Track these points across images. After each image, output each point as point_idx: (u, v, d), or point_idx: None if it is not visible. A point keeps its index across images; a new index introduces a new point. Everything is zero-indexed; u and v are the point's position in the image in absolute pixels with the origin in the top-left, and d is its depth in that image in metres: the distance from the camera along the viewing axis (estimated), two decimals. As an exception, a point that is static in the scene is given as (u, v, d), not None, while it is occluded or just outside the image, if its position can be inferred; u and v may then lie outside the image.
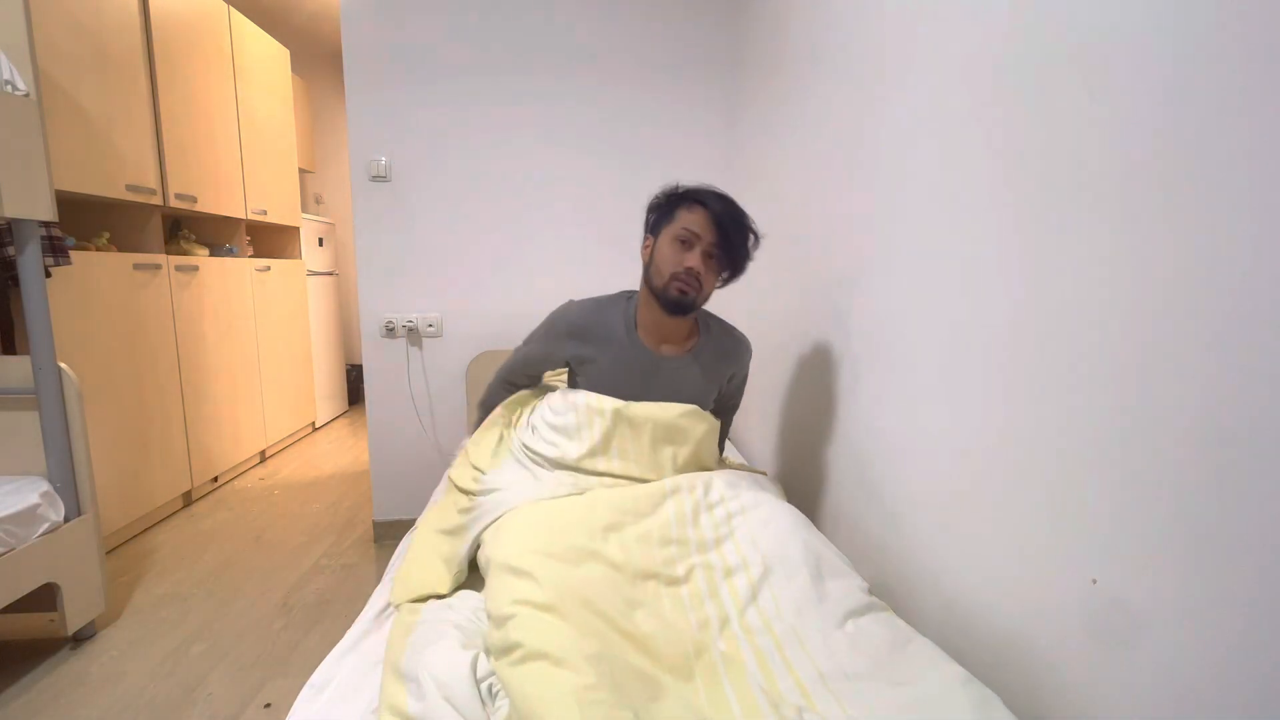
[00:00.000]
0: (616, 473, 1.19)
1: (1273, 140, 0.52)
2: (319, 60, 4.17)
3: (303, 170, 3.87)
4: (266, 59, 3.15)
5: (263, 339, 3.07)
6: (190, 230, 2.77)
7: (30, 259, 1.51)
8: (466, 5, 2.03)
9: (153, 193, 2.29)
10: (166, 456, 2.37)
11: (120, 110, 2.14)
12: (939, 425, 0.98)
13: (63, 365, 1.57)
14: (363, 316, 2.14)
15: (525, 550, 0.92)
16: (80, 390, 1.59)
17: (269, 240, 3.40)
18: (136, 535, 2.25)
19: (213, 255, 2.75)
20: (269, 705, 1.40)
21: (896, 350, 1.10)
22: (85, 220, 2.24)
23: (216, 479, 2.73)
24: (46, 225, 1.70)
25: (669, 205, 1.24)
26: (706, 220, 1.19)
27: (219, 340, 2.71)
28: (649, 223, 1.29)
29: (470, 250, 2.14)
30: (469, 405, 2.14)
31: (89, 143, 2.01)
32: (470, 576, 1.06)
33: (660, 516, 1.08)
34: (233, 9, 2.84)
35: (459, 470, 1.28)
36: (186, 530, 2.33)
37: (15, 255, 1.51)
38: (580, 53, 2.09)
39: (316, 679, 0.82)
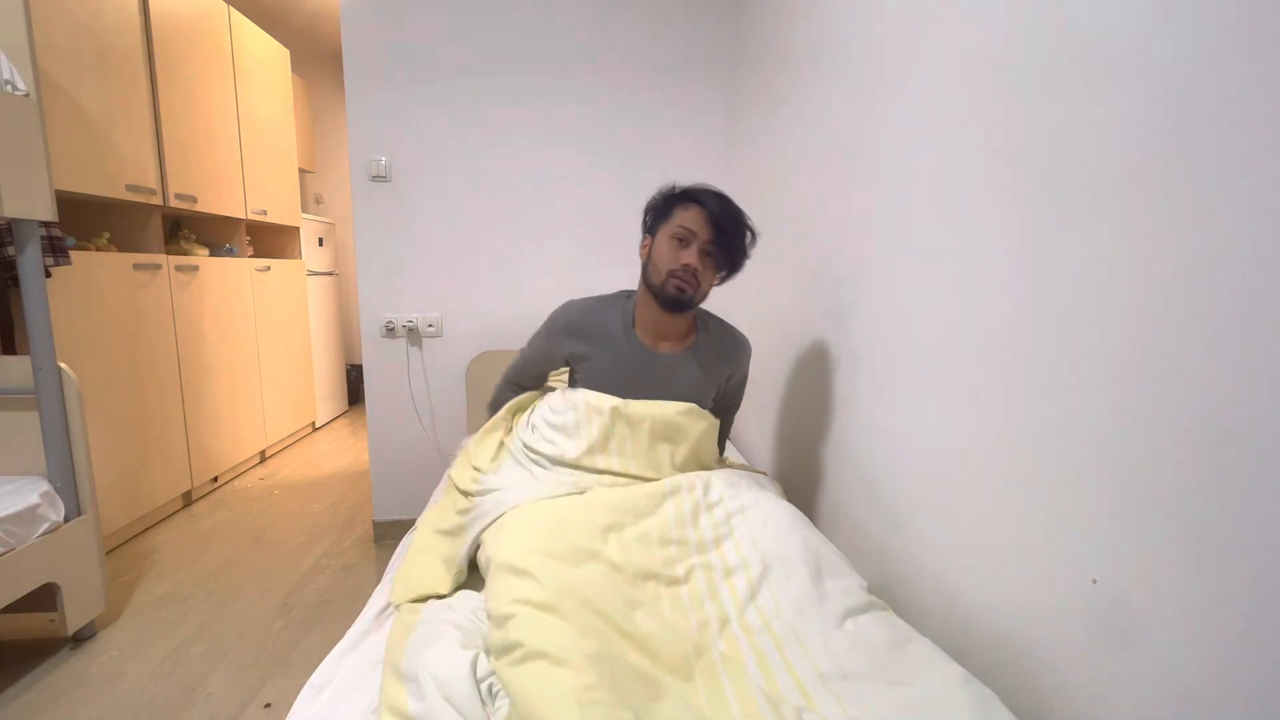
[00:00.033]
0: (615, 470, 1.19)
1: (1272, 140, 0.52)
2: (319, 60, 4.17)
3: (303, 170, 3.87)
4: (266, 59, 3.15)
5: (263, 339, 3.07)
6: (190, 230, 2.77)
7: (30, 259, 1.51)
8: (466, 5, 2.03)
9: (153, 193, 2.29)
10: (166, 456, 2.37)
11: (120, 110, 2.14)
12: (939, 425, 0.98)
13: (63, 365, 1.57)
14: (363, 316, 2.14)
15: (526, 550, 0.92)
16: (80, 390, 1.59)
17: (269, 240, 3.40)
18: (136, 535, 2.25)
19: (213, 255, 2.75)
20: (269, 705, 1.40)
21: (896, 350, 1.10)
22: (85, 220, 2.24)
23: (216, 479, 2.73)
24: (46, 225, 1.70)
25: (666, 205, 1.26)
26: (703, 218, 1.20)
27: (219, 340, 2.71)
28: (646, 223, 1.30)
29: (470, 250, 2.14)
30: (469, 405, 2.14)
31: (89, 143, 2.01)
32: (470, 576, 1.06)
33: (660, 517, 1.08)
34: (233, 9, 2.84)
35: (459, 470, 1.28)
36: (186, 530, 2.33)
37: (15, 255, 1.51)
38: (580, 53, 2.09)
39: (316, 679, 0.82)
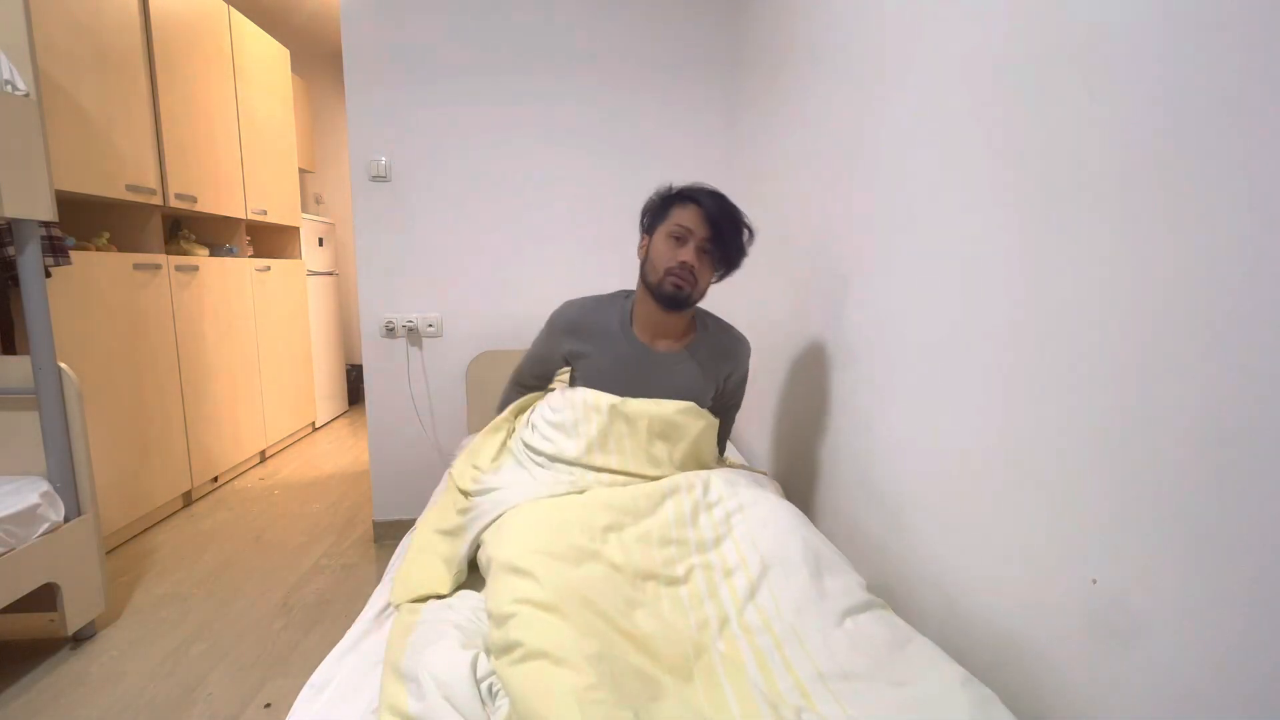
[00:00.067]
0: (614, 468, 1.19)
1: (1272, 140, 0.52)
2: (319, 60, 4.17)
3: (303, 170, 3.87)
4: (266, 59, 3.15)
5: (263, 339, 3.07)
6: (190, 230, 2.77)
7: (30, 259, 1.51)
8: (466, 5, 2.03)
9: (153, 193, 2.29)
10: (166, 456, 2.37)
11: (120, 110, 2.14)
12: (939, 425, 0.98)
13: (63, 365, 1.57)
14: (363, 316, 2.14)
15: (526, 550, 0.92)
16: (80, 390, 1.59)
17: (269, 240, 3.40)
18: (136, 535, 2.25)
19: (213, 255, 2.75)
20: (269, 705, 1.40)
21: (896, 350, 1.10)
22: (85, 220, 2.24)
23: (216, 479, 2.73)
24: (46, 225, 1.70)
25: (663, 205, 1.28)
26: (699, 216, 1.22)
27: (219, 340, 2.71)
28: (644, 224, 1.32)
29: (470, 250, 2.14)
30: (469, 405, 2.14)
31: (89, 143, 2.01)
32: (470, 576, 1.06)
33: (659, 517, 1.08)
34: (233, 9, 2.84)
35: (460, 470, 1.28)
36: (186, 530, 2.33)
37: (15, 255, 1.51)
38: (580, 53, 2.09)
39: (316, 679, 0.82)
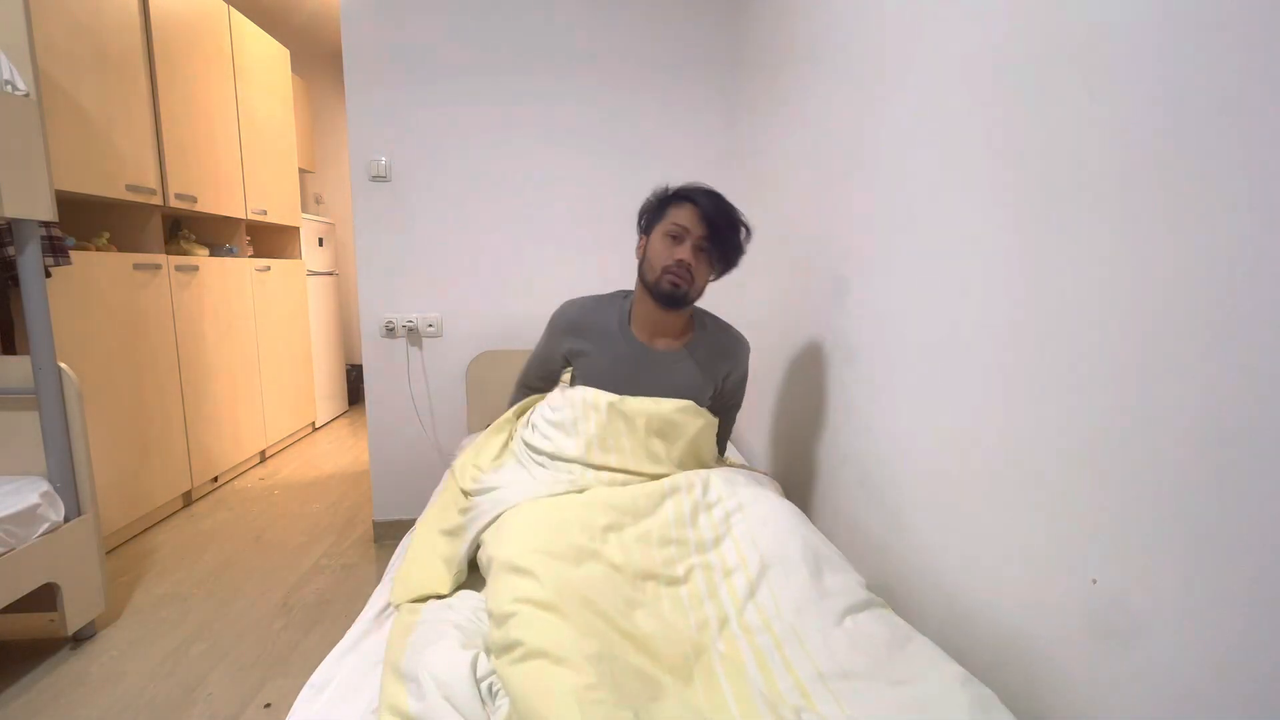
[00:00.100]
0: (612, 466, 1.19)
1: (1272, 140, 0.52)
2: (319, 60, 4.17)
3: (303, 170, 3.87)
4: (266, 59, 3.15)
5: (263, 339, 3.07)
6: (190, 230, 2.77)
7: (30, 259, 1.51)
8: (466, 5, 2.03)
9: (153, 193, 2.29)
10: (166, 456, 2.37)
11: (120, 110, 2.14)
12: (939, 425, 0.98)
13: (63, 365, 1.57)
14: (363, 316, 2.14)
15: (527, 549, 0.92)
16: (80, 390, 1.59)
17: (269, 240, 3.40)
18: (136, 535, 2.25)
19: (213, 255, 2.75)
20: (269, 705, 1.40)
21: (896, 350, 1.10)
22: (85, 220, 2.24)
23: (216, 479, 2.73)
24: (46, 225, 1.70)
25: (660, 205, 1.29)
26: (695, 215, 1.23)
27: (219, 340, 2.71)
28: (641, 224, 1.34)
29: (470, 250, 2.14)
30: (469, 405, 2.14)
31: (89, 143, 2.01)
32: (470, 576, 1.06)
33: (659, 517, 1.08)
34: (233, 9, 2.84)
35: (461, 469, 1.28)
36: (186, 530, 2.33)
37: (15, 255, 1.51)
38: (580, 53, 2.09)
39: (316, 679, 0.82)
